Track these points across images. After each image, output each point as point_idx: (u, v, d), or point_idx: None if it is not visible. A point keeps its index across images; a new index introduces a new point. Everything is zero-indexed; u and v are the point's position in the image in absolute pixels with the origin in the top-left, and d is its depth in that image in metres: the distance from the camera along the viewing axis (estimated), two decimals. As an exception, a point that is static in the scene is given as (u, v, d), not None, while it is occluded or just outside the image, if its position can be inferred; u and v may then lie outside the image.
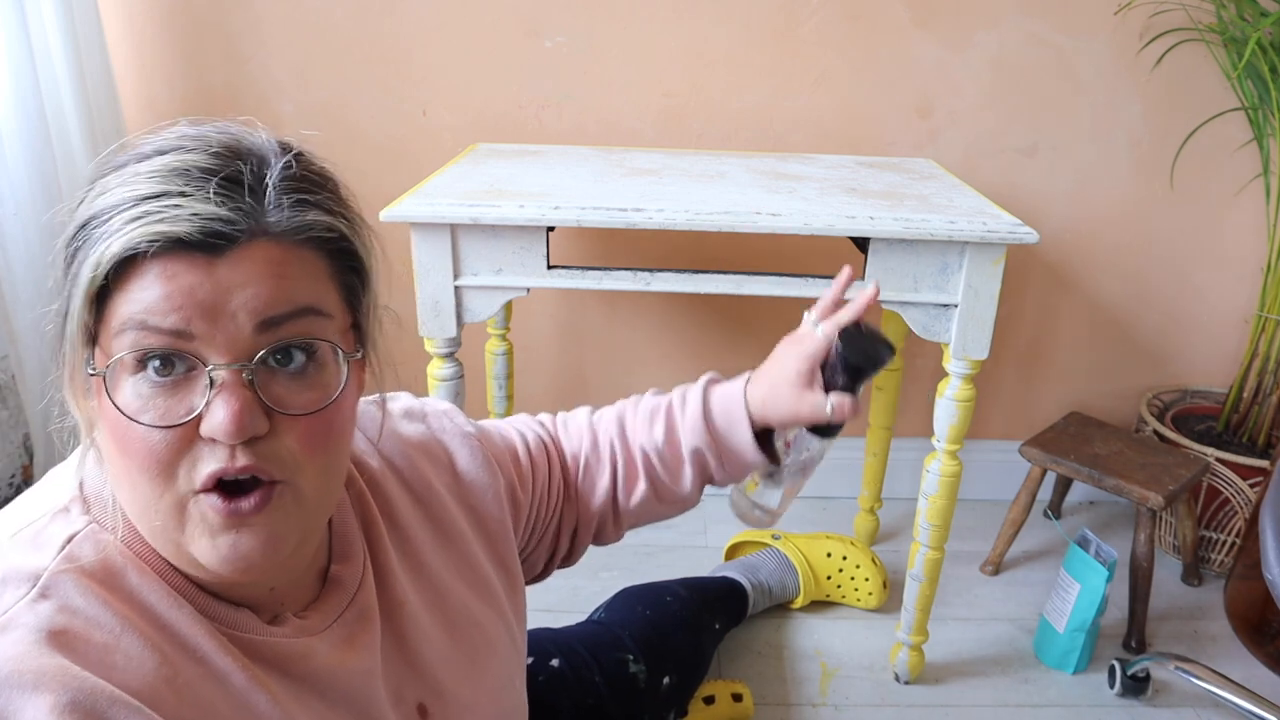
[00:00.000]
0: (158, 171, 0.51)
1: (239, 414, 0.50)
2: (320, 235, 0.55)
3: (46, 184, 1.39)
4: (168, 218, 0.49)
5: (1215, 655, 1.53)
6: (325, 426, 0.55)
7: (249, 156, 0.54)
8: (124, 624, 0.53)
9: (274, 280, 0.52)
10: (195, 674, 0.54)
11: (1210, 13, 1.58)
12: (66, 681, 0.48)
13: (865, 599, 1.60)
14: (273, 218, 0.53)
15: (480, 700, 0.73)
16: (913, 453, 1.88)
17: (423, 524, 0.73)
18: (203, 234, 0.50)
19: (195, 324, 0.50)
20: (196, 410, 0.51)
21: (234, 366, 0.51)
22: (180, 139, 0.54)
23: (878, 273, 1.15)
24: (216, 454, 0.51)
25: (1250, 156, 1.69)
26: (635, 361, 1.85)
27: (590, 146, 1.61)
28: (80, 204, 0.53)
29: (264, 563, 0.54)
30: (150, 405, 0.51)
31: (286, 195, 0.53)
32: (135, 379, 0.51)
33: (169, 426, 0.51)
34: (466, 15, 1.59)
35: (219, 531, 0.52)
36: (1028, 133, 1.68)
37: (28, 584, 0.52)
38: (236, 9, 1.59)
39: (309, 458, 0.54)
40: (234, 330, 0.51)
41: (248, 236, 0.51)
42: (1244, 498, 1.64)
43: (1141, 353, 1.87)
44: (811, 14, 1.60)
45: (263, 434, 0.52)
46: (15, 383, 1.43)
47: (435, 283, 1.16)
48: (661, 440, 0.87)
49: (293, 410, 0.53)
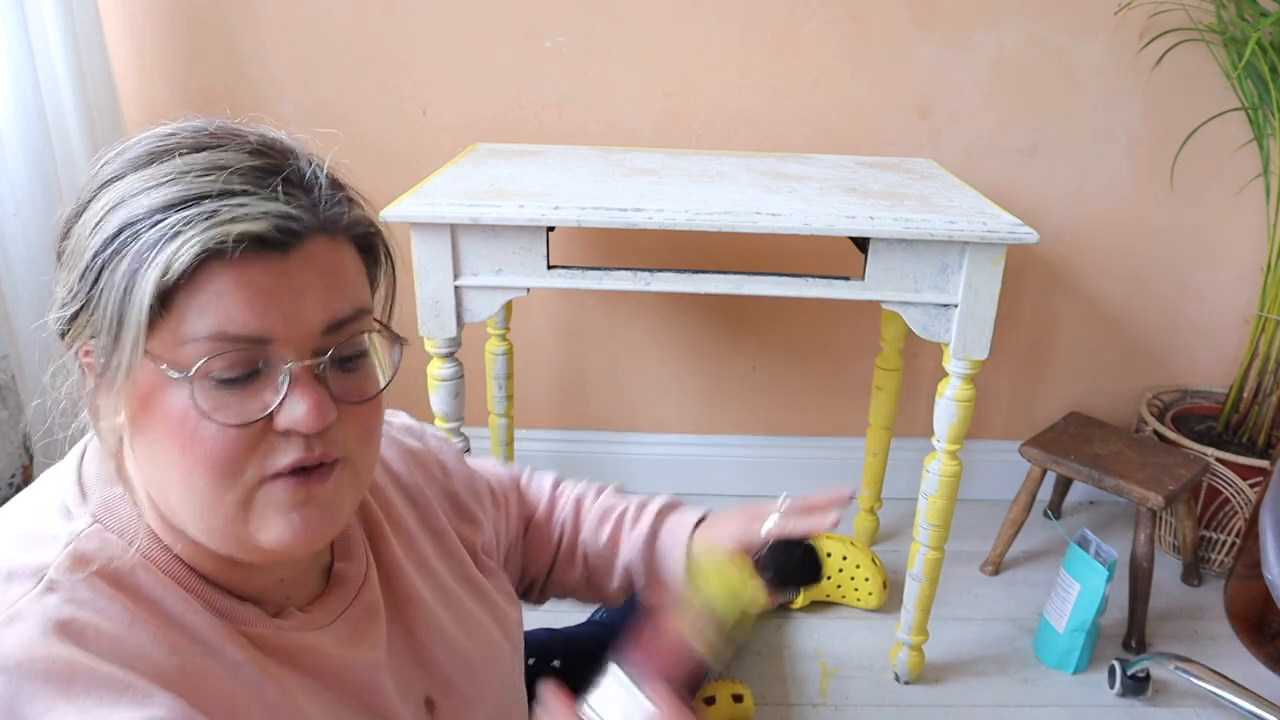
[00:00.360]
0: (204, 170, 0.51)
1: (319, 406, 0.52)
2: (360, 231, 0.57)
3: (46, 184, 1.39)
4: (239, 217, 0.49)
5: (1215, 655, 1.53)
6: (376, 410, 0.59)
7: (289, 154, 0.55)
8: (132, 616, 0.53)
9: (337, 280, 0.54)
10: (206, 665, 0.55)
11: (1210, 13, 1.58)
12: (76, 669, 0.49)
13: (865, 599, 1.60)
14: (329, 214, 0.54)
15: (486, 695, 0.73)
16: (913, 453, 1.88)
17: (419, 526, 0.75)
18: (279, 232, 0.51)
19: (276, 328, 0.51)
20: (271, 407, 0.52)
21: (308, 362, 0.53)
22: (205, 135, 0.53)
23: (878, 272, 1.15)
24: (293, 445, 0.53)
25: (1250, 156, 1.69)
26: (635, 361, 1.85)
27: (590, 146, 1.61)
28: (95, 209, 0.52)
29: (329, 534, 0.57)
30: (224, 404, 0.51)
31: (332, 192, 0.55)
32: (203, 382, 0.51)
33: (244, 425, 0.52)
34: (466, 15, 1.59)
35: (291, 509, 0.54)
36: (1028, 133, 1.68)
37: (33, 579, 0.52)
38: (236, 9, 1.59)
39: (365, 439, 0.58)
40: (306, 332, 0.53)
41: (311, 233, 0.53)
42: (1244, 498, 1.64)
43: (1141, 353, 1.87)
44: (811, 14, 1.60)
45: (333, 423, 0.54)
46: (15, 383, 1.43)
47: (435, 283, 1.16)
48: (604, 543, 0.89)
49: (354, 399, 0.56)
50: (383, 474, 0.74)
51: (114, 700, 0.48)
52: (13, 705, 0.47)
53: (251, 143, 0.54)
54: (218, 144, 0.53)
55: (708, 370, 1.87)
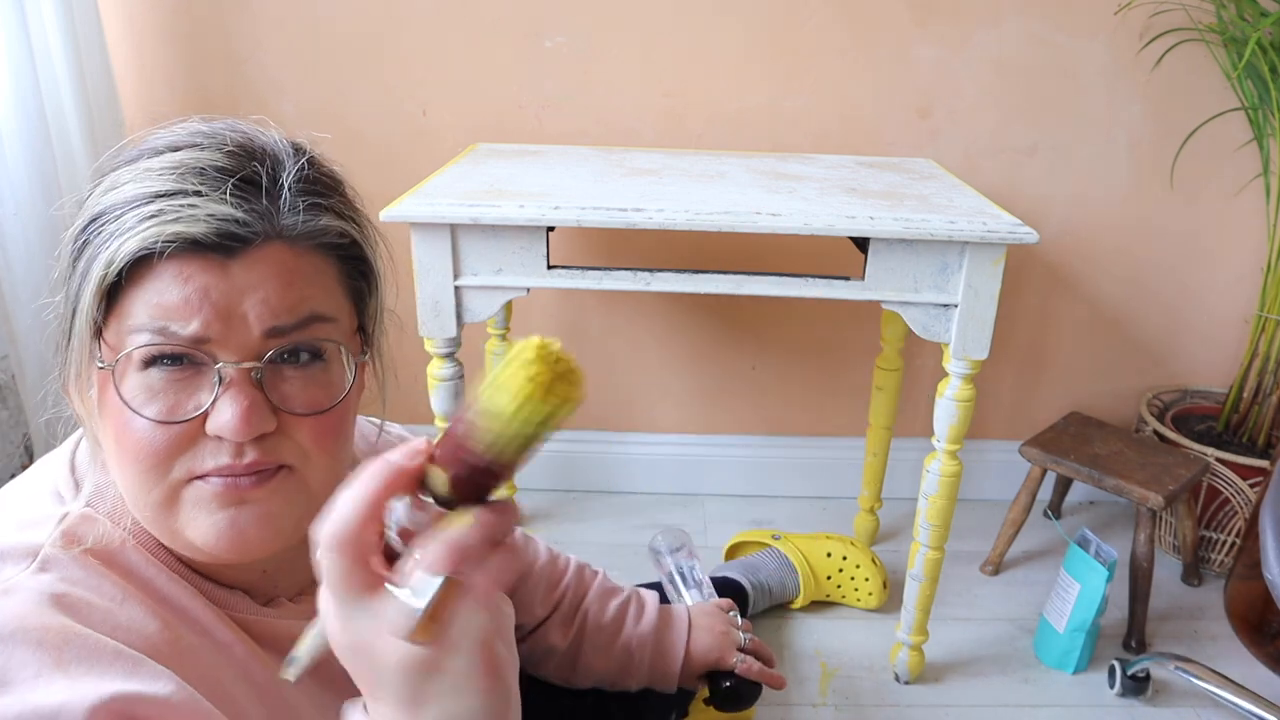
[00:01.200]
0: (171, 168, 0.52)
1: (247, 413, 0.51)
2: (332, 241, 0.56)
3: (46, 184, 1.39)
4: (183, 218, 0.50)
5: (1215, 655, 1.53)
6: (333, 424, 0.56)
7: (264, 157, 0.54)
8: (124, 593, 0.53)
9: (284, 285, 0.53)
10: (196, 643, 0.55)
11: (1210, 13, 1.58)
12: (69, 638, 0.49)
13: (865, 599, 1.60)
14: (287, 221, 0.53)
15: None
16: (913, 453, 1.88)
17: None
18: (218, 235, 0.51)
19: (212, 327, 0.51)
20: (204, 407, 0.52)
21: (243, 365, 0.52)
22: (193, 135, 0.54)
23: (878, 272, 1.15)
24: (223, 450, 0.52)
25: (1250, 156, 1.69)
26: (635, 361, 1.85)
27: (590, 146, 1.61)
28: (89, 197, 0.54)
29: (260, 543, 0.54)
30: (156, 399, 0.51)
31: (301, 198, 0.54)
32: (143, 374, 0.51)
33: (174, 422, 0.51)
34: (466, 15, 1.59)
35: (217, 509, 0.53)
36: (1028, 133, 1.68)
37: (27, 559, 0.52)
38: (236, 9, 1.59)
39: (318, 452, 0.55)
40: (244, 333, 0.52)
41: (262, 239, 0.52)
42: (1244, 498, 1.64)
43: (1141, 353, 1.87)
44: (811, 14, 1.60)
45: (270, 431, 0.53)
46: (15, 382, 1.43)
47: (435, 283, 1.16)
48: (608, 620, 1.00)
49: (299, 410, 0.54)
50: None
51: (104, 669, 0.49)
52: (4, 672, 0.47)
53: (229, 144, 0.54)
54: (195, 144, 0.53)
55: (708, 370, 1.87)
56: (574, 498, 1.91)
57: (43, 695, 0.46)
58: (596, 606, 1.00)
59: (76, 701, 0.46)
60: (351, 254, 0.58)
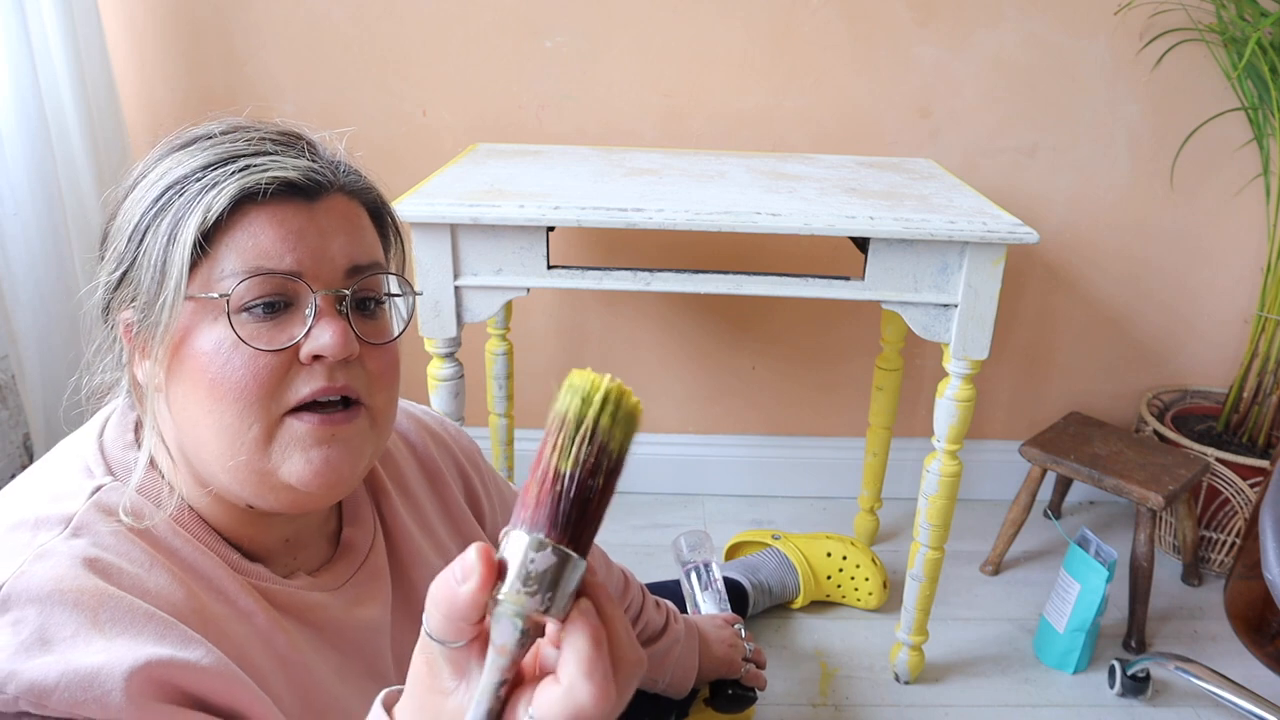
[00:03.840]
0: (237, 140, 0.59)
1: (344, 332, 0.57)
2: (372, 197, 0.64)
3: (46, 184, 1.39)
4: (275, 167, 0.57)
5: (1215, 655, 1.53)
6: (394, 358, 0.63)
7: (299, 136, 0.62)
8: (152, 560, 0.56)
9: (355, 231, 0.61)
10: (221, 610, 0.58)
11: (1210, 13, 1.58)
12: (104, 599, 0.51)
13: (865, 599, 1.60)
14: (345, 178, 0.62)
15: None
16: (913, 453, 1.88)
17: (429, 497, 0.78)
18: (307, 179, 0.58)
19: (305, 263, 0.57)
20: (297, 338, 0.57)
21: (334, 293, 0.58)
22: (230, 125, 0.61)
23: (878, 272, 1.16)
24: (316, 374, 0.57)
25: (1250, 156, 1.69)
26: (635, 361, 1.85)
27: (590, 146, 1.61)
28: (138, 184, 0.58)
29: (350, 476, 0.59)
30: (255, 334, 0.56)
31: (347, 163, 0.63)
32: (237, 316, 0.56)
33: (276, 350, 0.56)
34: (466, 15, 1.59)
35: (312, 446, 0.57)
36: (1028, 133, 1.68)
37: (60, 525, 0.55)
38: (237, 10, 1.59)
39: (382, 385, 0.61)
40: (331, 270, 0.58)
41: (334, 189, 0.60)
42: (1244, 498, 1.64)
43: (1141, 353, 1.87)
44: (811, 14, 1.60)
45: (354, 356, 0.58)
46: (15, 383, 1.42)
47: (435, 283, 1.16)
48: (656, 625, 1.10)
49: (374, 339, 0.61)
50: (397, 442, 0.77)
51: (138, 630, 0.51)
52: (43, 631, 0.49)
53: (268, 128, 0.61)
54: (241, 127, 0.60)
55: (708, 370, 1.87)
56: (574, 498, 1.91)
57: (82, 655, 0.49)
58: (650, 618, 1.08)
59: (114, 664, 0.49)
60: (380, 213, 0.66)
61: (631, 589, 1.08)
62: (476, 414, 1.79)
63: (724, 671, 1.18)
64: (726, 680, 1.19)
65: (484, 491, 0.84)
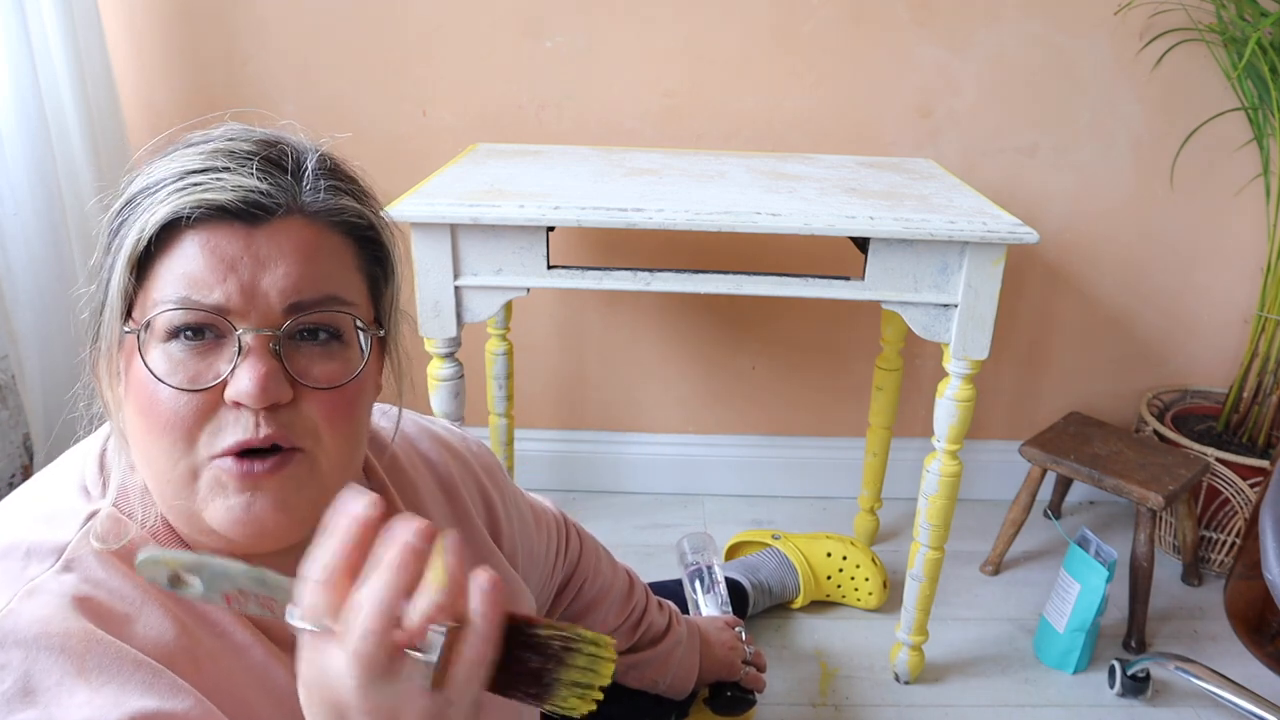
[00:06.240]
0: (202, 153, 0.55)
1: (264, 378, 0.52)
2: (350, 220, 0.58)
3: (46, 184, 1.39)
4: (211, 188, 0.53)
5: (1215, 655, 1.53)
6: (347, 401, 0.57)
7: (289, 146, 0.57)
8: (144, 596, 0.54)
9: (305, 260, 0.55)
10: (215, 646, 0.56)
11: (1210, 13, 1.58)
12: (91, 645, 0.50)
13: (865, 599, 1.60)
14: (308, 198, 0.56)
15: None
16: (913, 453, 1.88)
17: (446, 517, 0.76)
18: (243, 203, 0.53)
19: (234, 298, 0.53)
20: (223, 375, 0.53)
21: (262, 332, 0.53)
22: (226, 130, 0.58)
23: (878, 272, 1.16)
24: (241, 422, 0.53)
25: (1250, 156, 1.69)
26: (635, 361, 1.85)
27: (590, 146, 1.61)
28: (124, 190, 0.56)
29: (275, 528, 0.54)
30: (178, 370, 0.53)
31: (322, 179, 0.57)
32: (165, 345, 0.53)
33: (196, 390, 0.52)
34: (466, 15, 1.59)
35: (233, 493, 0.53)
36: (1028, 133, 1.68)
37: (52, 557, 0.54)
38: (237, 9, 1.59)
39: (330, 430, 0.56)
40: (265, 306, 0.53)
41: (284, 212, 0.55)
42: (1244, 498, 1.64)
43: (1141, 353, 1.87)
44: (811, 14, 1.60)
45: (285, 402, 0.54)
46: (15, 383, 1.42)
47: (435, 283, 1.16)
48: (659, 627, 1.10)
49: (315, 383, 0.55)
50: (415, 461, 0.75)
51: (125, 679, 0.50)
52: (28, 680, 0.48)
53: (257, 136, 0.57)
54: (233, 136, 0.57)
55: (708, 370, 1.87)
56: (574, 498, 1.91)
57: (65, 709, 0.47)
58: (653, 619, 1.08)
59: (99, 718, 0.47)
60: (368, 237, 0.60)
61: (636, 590, 1.08)
62: (476, 414, 1.79)
63: (724, 673, 1.19)
64: (726, 682, 1.20)
65: (503, 510, 0.82)
